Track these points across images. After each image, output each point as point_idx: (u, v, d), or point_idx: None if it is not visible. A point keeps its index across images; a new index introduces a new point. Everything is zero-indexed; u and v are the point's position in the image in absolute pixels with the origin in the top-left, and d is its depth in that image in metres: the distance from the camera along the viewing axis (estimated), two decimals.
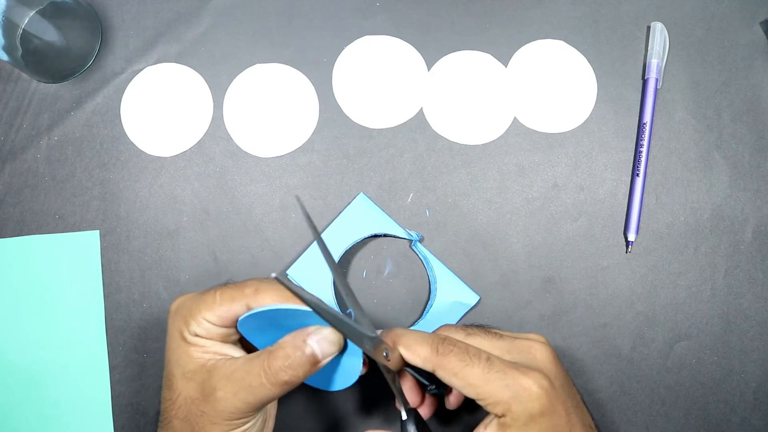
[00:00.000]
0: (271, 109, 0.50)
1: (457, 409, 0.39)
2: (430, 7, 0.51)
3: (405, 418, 0.36)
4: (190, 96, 0.51)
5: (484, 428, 0.34)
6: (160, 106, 0.51)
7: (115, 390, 0.48)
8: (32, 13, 0.46)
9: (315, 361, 0.33)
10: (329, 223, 0.48)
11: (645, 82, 0.49)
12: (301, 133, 0.50)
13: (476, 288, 0.47)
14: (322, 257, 0.35)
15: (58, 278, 0.49)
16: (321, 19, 0.51)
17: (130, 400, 0.48)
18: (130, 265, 0.49)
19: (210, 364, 0.34)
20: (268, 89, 0.50)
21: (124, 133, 0.50)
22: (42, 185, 0.50)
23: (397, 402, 0.36)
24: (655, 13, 0.50)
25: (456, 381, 0.33)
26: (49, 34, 0.48)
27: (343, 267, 0.48)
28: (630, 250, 0.48)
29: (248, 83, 0.51)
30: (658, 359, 0.47)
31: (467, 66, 0.50)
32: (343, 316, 0.32)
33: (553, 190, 0.49)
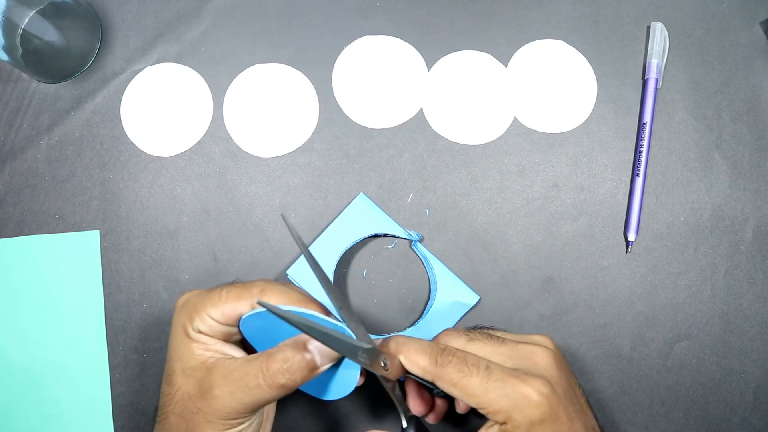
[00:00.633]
0: (271, 109, 0.50)
1: (466, 412, 0.39)
2: (430, 7, 0.51)
3: (405, 426, 0.36)
4: (190, 96, 0.51)
5: None
6: (160, 106, 0.51)
7: (115, 390, 0.48)
8: (32, 13, 0.46)
9: (313, 367, 0.33)
10: (329, 223, 0.48)
11: (645, 82, 0.49)
12: (301, 133, 0.50)
13: (476, 288, 0.47)
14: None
15: (58, 278, 0.49)
16: (321, 19, 0.51)
17: (130, 400, 0.48)
18: (130, 265, 0.49)
19: (210, 362, 0.34)
20: (268, 89, 0.50)
21: (124, 133, 0.50)
22: (42, 185, 0.50)
23: (398, 409, 0.36)
24: (655, 13, 0.50)
25: (456, 391, 0.33)
26: (49, 34, 0.48)
27: (343, 267, 0.48)
28: (630, 250, 0.48)
29: (248, 83, 0.51)
30: (658, 359, 0.47)
31: (467, 66, 0.50)
32: (335, 331, 0.31)
33: (553, 190, 0.49)
